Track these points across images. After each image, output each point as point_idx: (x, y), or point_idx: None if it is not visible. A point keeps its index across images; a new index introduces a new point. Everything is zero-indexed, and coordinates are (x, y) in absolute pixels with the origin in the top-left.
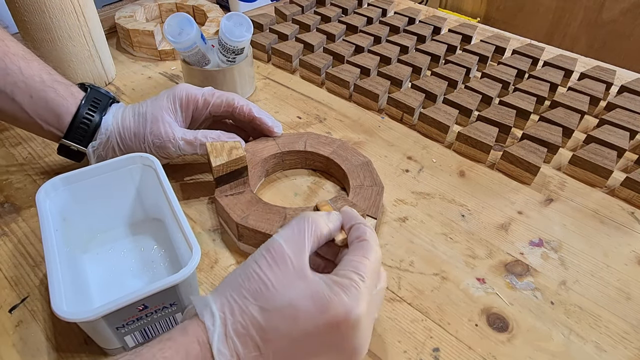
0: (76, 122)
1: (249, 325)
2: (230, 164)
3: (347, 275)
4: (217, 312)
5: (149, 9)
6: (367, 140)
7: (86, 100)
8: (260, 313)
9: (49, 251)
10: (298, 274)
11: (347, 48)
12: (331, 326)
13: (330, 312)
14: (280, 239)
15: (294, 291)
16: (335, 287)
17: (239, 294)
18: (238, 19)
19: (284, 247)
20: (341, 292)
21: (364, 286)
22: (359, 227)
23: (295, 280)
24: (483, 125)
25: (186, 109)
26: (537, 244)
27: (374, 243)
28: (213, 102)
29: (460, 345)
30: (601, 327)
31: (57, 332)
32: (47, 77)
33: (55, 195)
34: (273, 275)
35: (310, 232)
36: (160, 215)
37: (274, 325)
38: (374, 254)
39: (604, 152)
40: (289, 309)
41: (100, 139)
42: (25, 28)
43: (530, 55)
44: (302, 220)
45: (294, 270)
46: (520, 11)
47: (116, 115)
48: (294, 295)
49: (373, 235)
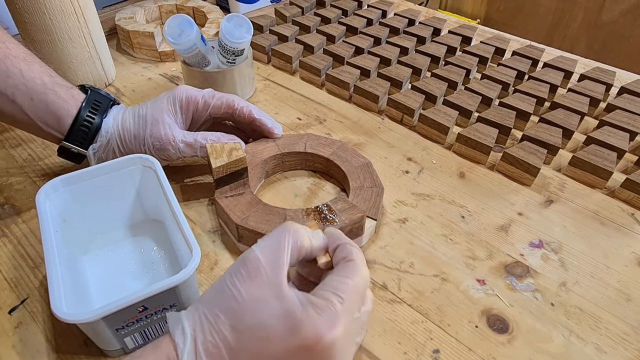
0: (77, 125)
1: (219, 344)
2: (230, 165)
3: (325, 295)
4: (189, 330)
5: (149, 10)
6: (367, 142)
7: (87, 103)
8: (231, 332)
9: (48, 252)
10: (273, 290)
11: (347, 49)
12: (302, 350)
13: (301, 335)
14: (258, 251)
15: (267, 310)
16: (310, 307)
17: (211, 311)
18: (238, 21)
19: (261, 260)
20: (315, 313)
21: (342, 308)
22: (344, 247)
23: (269, 297)
24: (483, 127)
25: (186, 111)
26: (537, 245)
27: (360, 264)
28: (213, 103)
29: (461, 347)
30: (601, 329)
31: (56, 334)
32: (48, 80)
33: (55, 196)
34: (246, 291)
35: (289, 244)
36: (160, 217)
37: (245, 346)
38: (359, 275)
39: (604, 153)
40: (260, 329)
41: (100, 142)
42: (26, 29)
43: (530, 56)
44: (283, 231)
45: (269, 286)
46: (520, 12)
47: (116, 117)
48: (265, 314)
49: (360, 256)
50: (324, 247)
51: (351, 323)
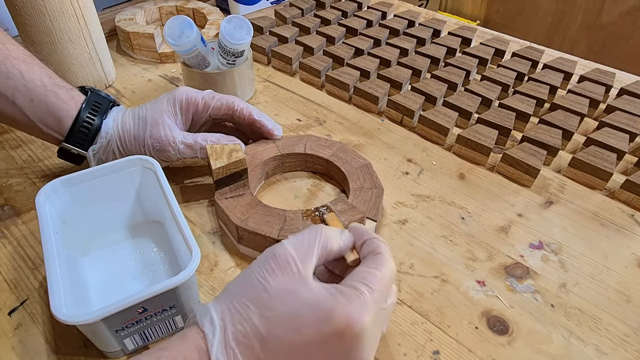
0: (77, 126)
1: (249, 334)
2: (230, 167)
3: (354, 285)
4: (217, 320)
5: (149, 11)
6: (367, 143)
7: (87, 104)
8: (261, 321)
9: (48, 254)
10: (301, 282)
11: (347, 51)
12: (333, 336)
13: (333, 321)
14: (289, 246)
15: (297, 299)
16: (339, 295)
17: (239, 301)
18: (238, 22)
19: (291, 254)
20: (344, 300)
21: (371, 297)
22: (372, 241)
23: (297, 287)
24: (483, 128)
25: (186, 112)
26: (537, 246)
27: (388, 256)
28: (213, 105)
29: (461, 348)
30: (601, 330)
31: (56, 335)
32: (48, 81)
33: (54, 197)
34: (275, 282)
35: (319, 245)
36: (160, 218)
37: (275, 333)
38: (388, 267)
39: (604, 154)
40: (291, 317)
41: (100, 143)
42: (26, 30)
43: (530, 57)
44: (314, 232)
45: (298, 277)
46: (519, 14)
47: (116, 118)
48: (296, 303)
49: (387, 249)
50: (351, 245)
51: (379, 313)
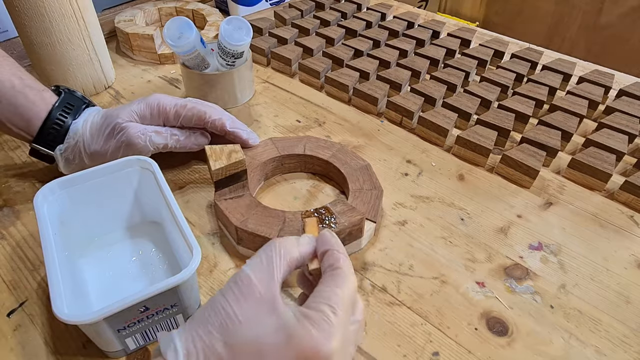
0: (46, 127)
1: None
2: (230, 168)
3: (318, 307)
4: (181, 349)
5: (149, 13)
6: (366, 144)
7: (59, 105)
8: (224, 349)
9: (48, 254)
10: (267, 306)
11: (346, 52)
12: None
13: (298, 349)
14: (248, 270)
15: (261, 325)
16: (305, 320)
17: (204, 329)
18: (237, 23)
19: (252, 278)
20: (310, 326)
21: (336, 319)
22: (332, 253)
23: (262, 313)
24: (482, 129)
25: (157, 119)
26: (537, 247)
27: (348, 271)
28: (184, 114)
29: (460, 350)
30: (601, 331)
31: (55, 336)
32: (17, 82)
33: (53, 199)
34: (239, 308)
35: (278, 258)
36: (159, 218)
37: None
38: (348, 284)
39: (603, 155)
40: (255, 344)
41: (68, 143)
42: (25, 32)
43: (529, 59)
44: (269, 247)
45: (263, 302)
46: (519, 15)
47: (87, 119)
48: (260, 330)
49: (347, 263)
50: (312, 250)
51: (345, 333)
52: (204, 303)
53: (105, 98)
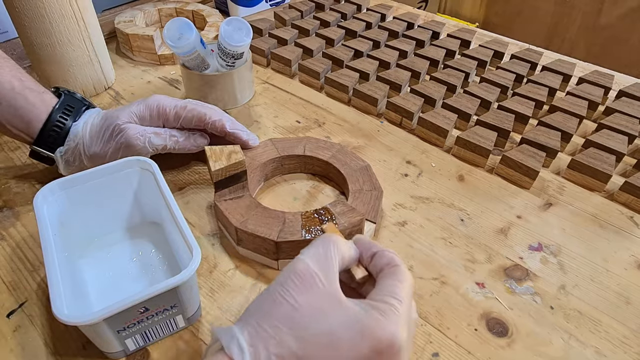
0: (46, 129)
1: (284, 357)
2: (230, 168)
3: (385, 299)
4: (246, 345)
5: (149, 13)
6: (366, 145)
7: (59, 107)
8: (295, 342)
9: (47, 255)
10: (331, 298)
11: (346, 53)
12: (373, 354)
13: (373, 339)
14: (307, 259)
15: (330, 317)
16: (374, 312)
17: (269, 322)
18: (237, 24)
19: (312, 268)
20: (381, 317)
21: (403, 310)
22: (384, 253)
23: (328, 304)
24: (482, 130)
25: (157, 120)
26: (537, 248)
27: (405, 268)
28: (184, 116)
29: (460, 350)
30: (601, 332)
31: (55, 337)
32: (17, 84)
33: (52, 199)
34: (304, 300)
35: (335, 254)
36: (158, 219)
37: (313, 355)
38: (408, 280)
39: (603, 156)
40: (328, 336)
41: (68, 145)
42: (25, 33)
43: (529, 60)
44: (328, 243)
45: (327, 294)
46: (518, 16)
47: (87, 121)
48: (330, 321)
49: (401, 260)
50: (357, 256)
51: (411, 326)
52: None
53: (105, 99)
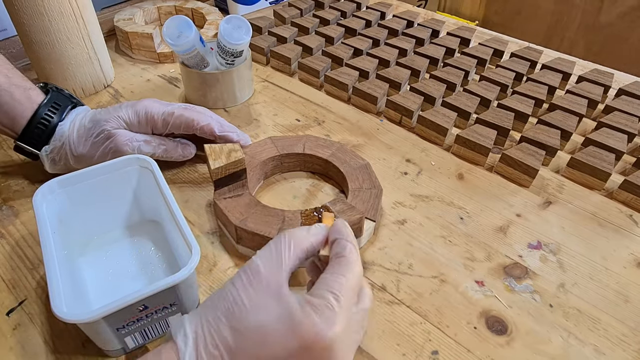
0: (32, 126)
1: (219, 346)
2: (229, 167)
3: (321, 294)
4: (190, 333)
5: (148, 11)
6: (365, 143)
7: (46, 104)
8: (231, 333)
9: (47, 253)
10: (272, 293)
11: (345, 51)
12: (302, 350)
13: (301, 335)
14: (257, 259)
15: (265, 312)
16: (307, 307)
17: (213, 314)
18: (237, 22)
19: (260, 267)
20: (312, 312)
21: (339, 307)
22: (339, 242)
23: (268, 299)
24: (481, 128)
25: (145, 126)
26: (536, 246)
27: (352, 260)
28: (172, 122)
29: (459, 348)
30: (600, 330)
31: (54, 335)
32: (3, 80)
33: (52, 198)
34: (246, 295)
35: (287, 249)
36: (158, 217)
37: (243, 346)
38: (352, 272)
39: (602, 155)
40: (259, 330)
41: (54, 144)
42: (24, 31)
43: (529, 58)
44: (279, 239)
45: (269, 289)
46: (518, 14)
47: (74, 121)
48: (264, 317)
49: (353, 251)
50: (323, 239)
51: (349, 320)
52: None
53: (105, 97)
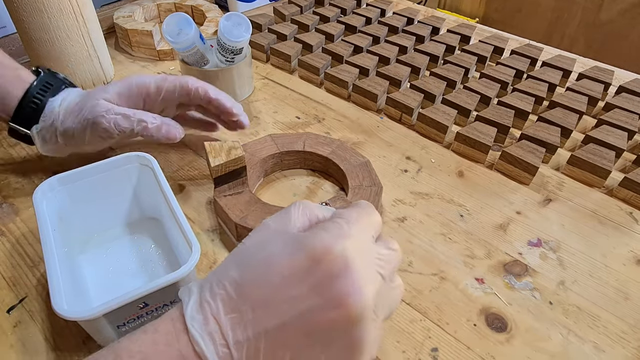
0: (23, 105)
1: (225, 284)
2: (229, 164)
3: (332, 219)
4: (195, 289)
5: (148, 8)
6: (365, 141)
7: (37, 84)
8: (236, 270)
9: (47, 251)
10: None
11: (345, 48)
12: (312, 262)
13: (309, 248)
14: (268, 219)
15: (272, 245)
16: (316, 229)
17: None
18: (237, 19)
19: (270, 223)
20: (319, 230)
21: (348, 227)
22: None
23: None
24: (482, 126)
25: (137, 96)
26: (536, 244)
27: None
28: (166, 87)
29: (459, 346)
30: (599, 327)
31: (55, 333)
32: None
33: (51, 195)
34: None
35: (298, 210)
36: (158, 215)
37: (250, 277)
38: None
39: (602, 152)
40: (266, 259)
41: (44, 122)
42: (24, 28)
43: (529, 55)
44: (292, 204)
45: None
46: (518, 12)
47: (65, 98)
48: (271, 248)
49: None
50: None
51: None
52: None
53: None
